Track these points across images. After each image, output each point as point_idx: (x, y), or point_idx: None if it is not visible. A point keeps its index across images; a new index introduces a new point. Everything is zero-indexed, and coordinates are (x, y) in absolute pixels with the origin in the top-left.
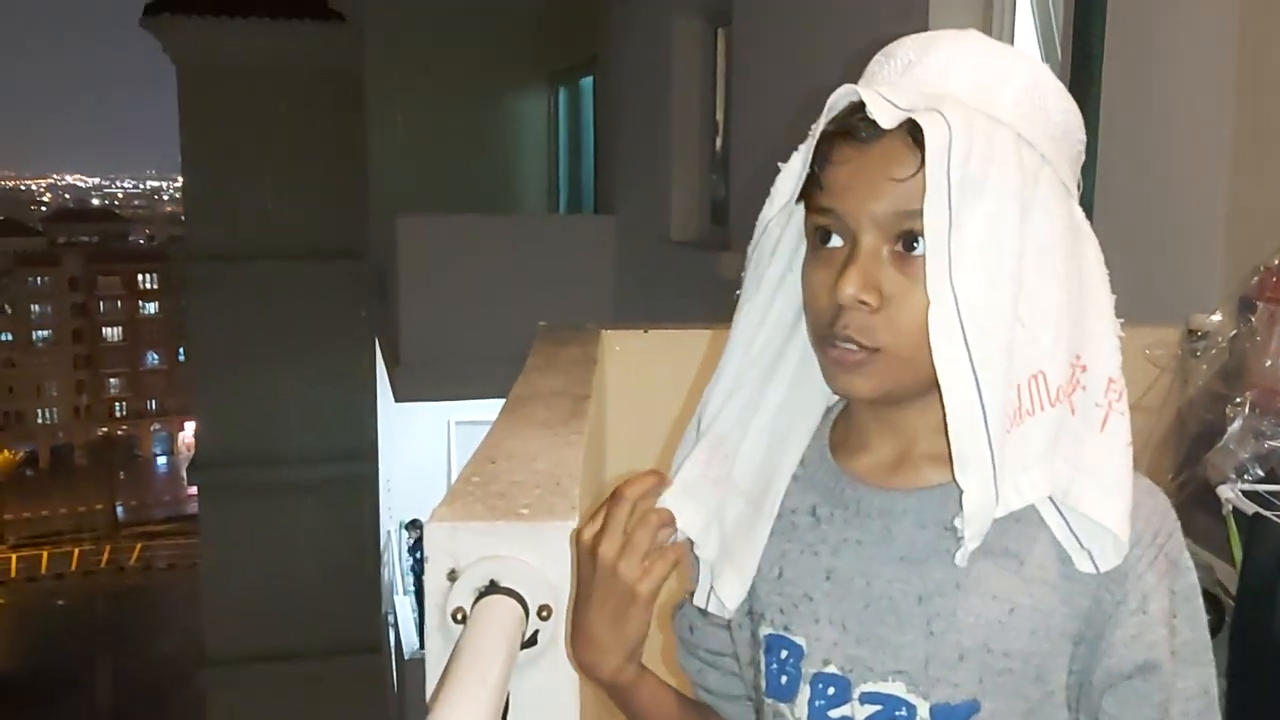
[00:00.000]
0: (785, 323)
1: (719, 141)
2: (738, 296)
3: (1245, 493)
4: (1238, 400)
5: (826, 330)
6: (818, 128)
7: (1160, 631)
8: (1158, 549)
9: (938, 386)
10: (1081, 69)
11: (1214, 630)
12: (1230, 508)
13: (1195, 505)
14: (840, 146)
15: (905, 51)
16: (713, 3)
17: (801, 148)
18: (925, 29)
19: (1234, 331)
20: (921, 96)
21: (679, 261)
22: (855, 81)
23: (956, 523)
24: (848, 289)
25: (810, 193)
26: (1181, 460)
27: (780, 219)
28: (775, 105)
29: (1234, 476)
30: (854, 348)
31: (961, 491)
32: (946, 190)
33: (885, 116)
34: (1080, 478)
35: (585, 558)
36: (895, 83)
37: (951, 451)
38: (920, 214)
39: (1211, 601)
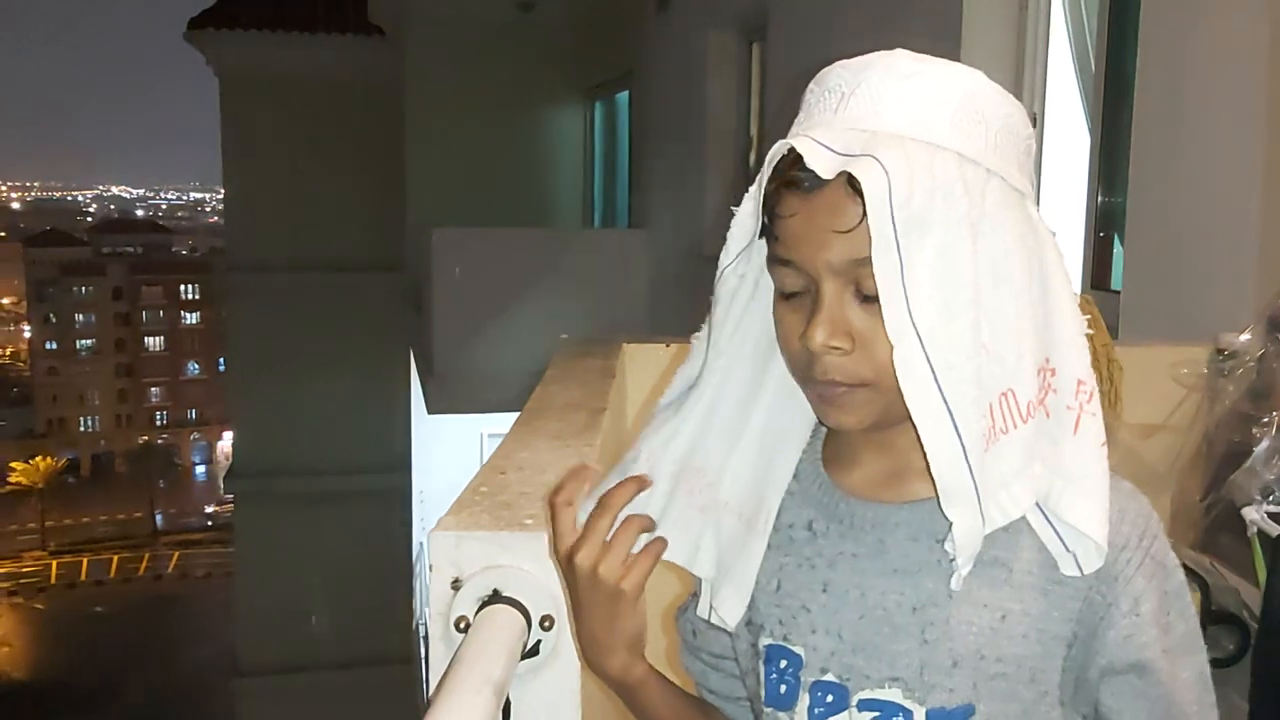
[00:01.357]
0: (760, 352)
1: (753, 156)
2: (695, 337)
3: (1271, 514)
4: (1265, 420)
5: (806, 374)
6: (763, 178)
7: (1152, 632)
8: (1144, 552)
9: None
10: (1114, 88)
11: (1239, 653)
12: (1255, 529)
13: (1222, 527)
14: (786, 198)
15: (837, 82)
16: (747, 18)
17: (750, 194)
18: (958, 46)
19: (1262, 351)
20: (857, 135)
21: (711, 276)
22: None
23: (947, 546)
24: (817, 338)
25: (768, 240)
26: (1209, 481)
27: (743, 257)
28: None
29: (1259, 498)
30: (840, 390)
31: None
32: (893, 236)
33: (823, 167)
34: (1059, 482)
35: (566, 567)
36: (830, 121)
37: (935, 486)
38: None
39: (1236, 624)
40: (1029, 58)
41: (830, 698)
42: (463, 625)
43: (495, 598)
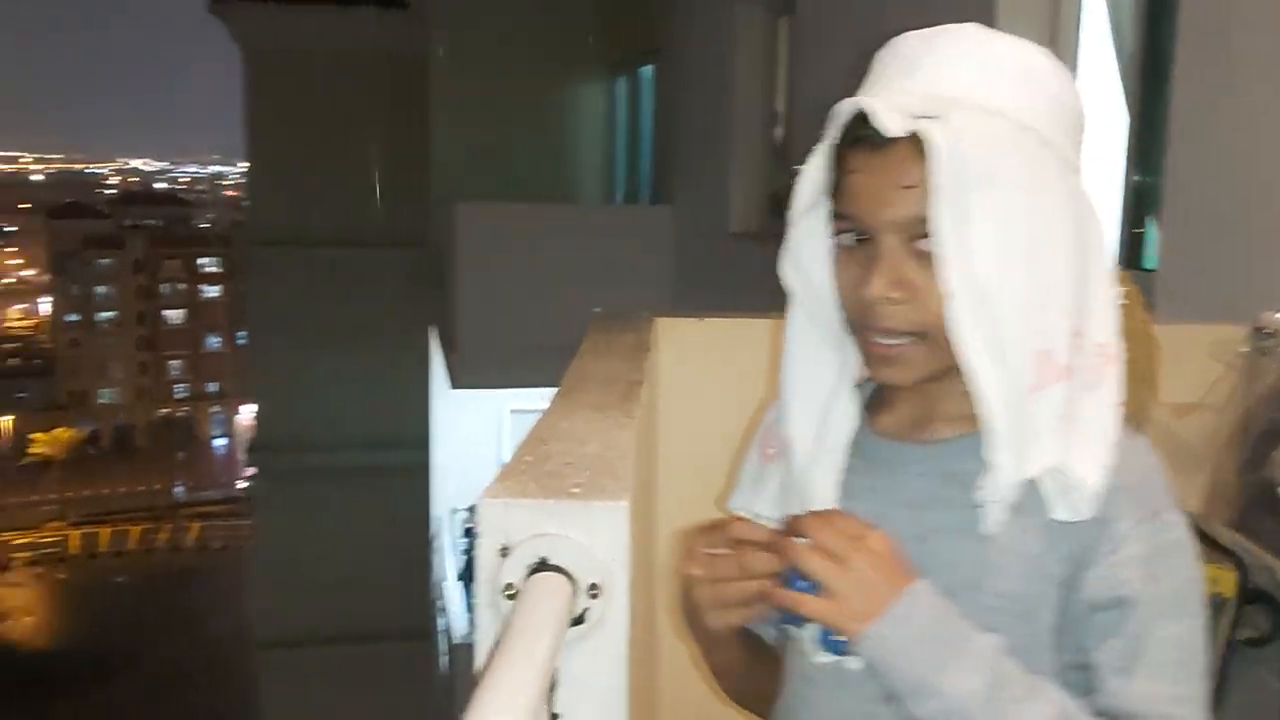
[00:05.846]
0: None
1: (779, 132)
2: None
3: None
4: None
5: (862, 323)
6: (830, 135)
7: (1132, 571)
8: (1137, 498)
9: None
10: (1153, 64)
11: (1275, 632)
12: None
13: (1259, 507)
14: (853, 155)
15: (909, 49)
16: None
17: (817, 150)
18: (992, 22)
19: None
20: (925, 99)
21: (737, 253)
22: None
23: (979, 494)
24: (876, 289)
25: (831, 196)
26: (1246, 460)
27: (811, 217)
28: (836, 96)
29: None
30: (894, 341)
31: (972, 447)
32: (955, 193)
33: (892, 125)
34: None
35: (678, 577)
36: (900, 85)
37: (985, 435)
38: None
39: (1272, 604)
40: (1063, 33)
41: None
42: (510, 593)
43: (543, 565)
